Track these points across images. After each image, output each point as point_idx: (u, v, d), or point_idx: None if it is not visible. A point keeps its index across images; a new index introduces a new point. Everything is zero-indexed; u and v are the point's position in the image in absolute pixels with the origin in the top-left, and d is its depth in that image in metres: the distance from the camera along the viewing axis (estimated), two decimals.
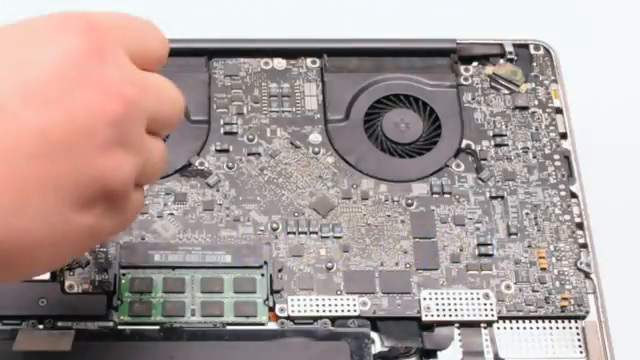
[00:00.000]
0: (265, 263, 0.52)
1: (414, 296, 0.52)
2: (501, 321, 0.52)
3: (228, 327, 0.50)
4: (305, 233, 0.54)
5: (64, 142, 0.31)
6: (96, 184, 0.33)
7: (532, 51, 0.61)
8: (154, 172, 0.38)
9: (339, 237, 0.54)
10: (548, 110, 0.58)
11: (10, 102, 0.30)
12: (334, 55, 0.59)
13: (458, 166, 0.56)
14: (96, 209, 0.34)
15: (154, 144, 0.37)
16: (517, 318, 0.52)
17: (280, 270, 0.52)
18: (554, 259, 0.53)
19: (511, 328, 0.52)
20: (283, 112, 0.58)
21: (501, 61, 0.60)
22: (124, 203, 0.36)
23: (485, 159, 0.57)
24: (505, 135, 0.57)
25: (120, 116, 0.33)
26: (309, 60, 0.60)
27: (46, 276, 0.50)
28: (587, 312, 0.52)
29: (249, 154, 0.56)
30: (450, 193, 0.55)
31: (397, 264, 0.53)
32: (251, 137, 0.57)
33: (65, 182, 0.32)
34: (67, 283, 0.51)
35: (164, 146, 0.38)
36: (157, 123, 0.36)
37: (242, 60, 0.59)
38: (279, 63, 0.59)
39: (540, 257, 0.53)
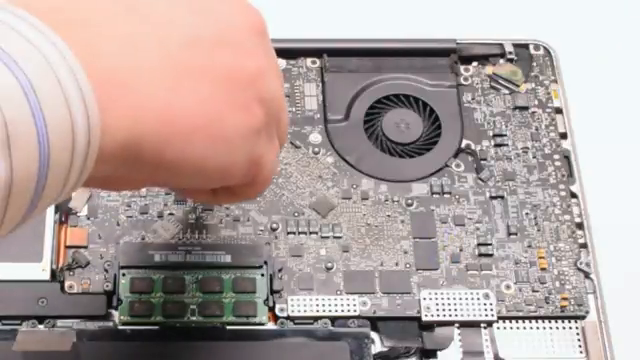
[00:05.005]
0: (265, 263, 0.52)
1: (414, 296, 0.52)
2: (501, 321, 0.52)
3: (228, 327, 0.50)
4: (305, 233, 0.54)
5: (212, 38, 0.35)
6: (247, 84, 0.36)
7: (532, 51, 0.61)
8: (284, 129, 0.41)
9: (339, 237, 0.54)
10: (548, 110, 0.58)
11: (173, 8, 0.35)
12: (334, 55, 0.59)
13: (458, 166, 0.56)
14: (250, 113, 0.36)
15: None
16: (517, 318, 0.52)
17: (280, 270, 0.52)
18: (554, 259, 0.53)
19: (511, 328, 0.52)
20: None
21: (501, 61, 0.60)
22: (275, 119, 0.38)
23: (485, 159, 0.57)
24: (505, 135, 0.57)
25: (262, 29, 0.37)
26: (309, 60, 0.60)
27: (46, 276, 0.50)
28: (587, 312, 0.52)
29: None
30: (450, 193, 0.55)
31: (397, 264, 0.53)
32: None
33: (217, 76, 0.34)
34: (67, 283, 0.51)
35: None
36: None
37: None
38: (279, 63, 0.59)
39: (540, 257, 0.53)
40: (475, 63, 0.60)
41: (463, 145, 0.57)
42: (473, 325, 0.51)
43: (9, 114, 0.27)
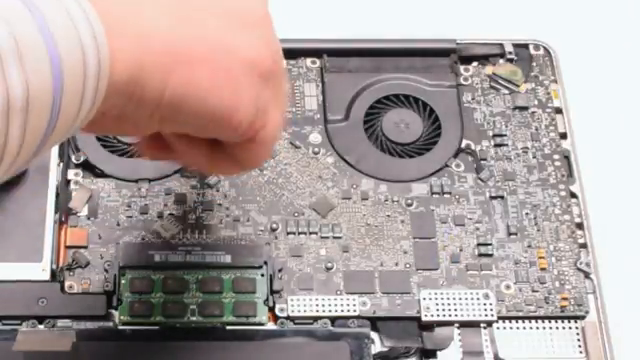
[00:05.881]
0: (265, 263, 0.52)
1: (414, 296, 0.52)
2: (501, 321, 0.52)
3: (228, 327, 0.50)
4: (305, 233, 0.54)
5: None
6: (255, 24, 0.37)
7: (532, 51, 0.61)
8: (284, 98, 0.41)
9: (339, 237, 0.54)
10: (548, 110, 0.58)
11: None
12: (334, 55, 0.59)
13: (458, 166, 0.56)
14: (257, 52, 0.36)
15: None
16: (517, 318, 0.52)
17: (280, 270, 0.52)
18: (554, 259, 0.53)
19: (511, 328, 0.52)
20: None
21: (501, 61, 0.60)
22: (280, 74, 0.39)
23: (485, 159, 0.57)
24: (505, 135, 0.57)
25: (267, 15, 0.38)
26: (309, 60, 0.60)
27: (46, 276, 0.50)
28: (587, 312, 0.52)
29: None
30: (450, 193, 0.55)
31: (397, 264, 0.53)
32: None
33: (224, 11, 0.35)
34: (67, 283, 0.51)
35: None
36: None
37: None
38: None
39: (540, 257, 0.53)
40: (475, 63, 0.60)
41: (463, 145, 0.57)
42: (473, 325, 0.51)
43: (18, 29, 0.28)
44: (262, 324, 0.51)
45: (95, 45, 0.30)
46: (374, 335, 0.51)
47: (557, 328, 0.52)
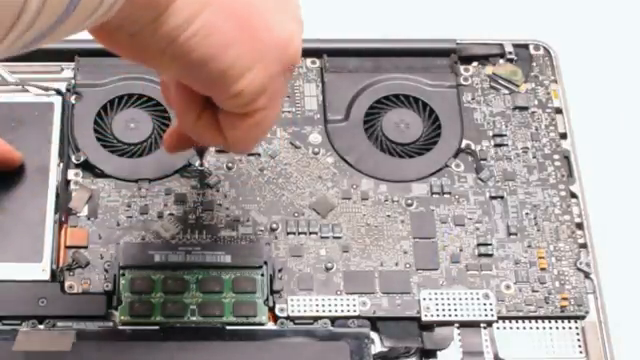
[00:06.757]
0: (265, 263, 0.52)
1: (414, 296, 0.52)
2: (501, 321, 0.52)
3: (228, 327, 0.50)
4: (305, 233, 0.54)
5: None
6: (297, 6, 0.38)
7: (532, 51, 0.61)
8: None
9: (339, 237, 0.54)
10: (548, 110, 0.58)
11: None
12: (334, 55, 0.59)
13: (458, 166, 0.56)
14: (293, 34, 0.38)
15: None
16: (517, 318, 0.52)
17: (280, 270, 0.52)
18: (554, 259, 0.53)
19: (511, 328, 0.52)
20: (283, 112, 0.58)
21: (501, 61, 0.60)
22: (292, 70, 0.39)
23: (485, 159, 0.57)
24: (505, 135, 0.57)
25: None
26: (309, 60, 0.60)
27: (46, 276, 0.50)
28: (587, 312, 0.52)
29: (249, 154, 0.56)
30: (450, 193, 0.55)
31: (397, 264, 0.53)
32: None
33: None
34: (67, 283, 0.51)
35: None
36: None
37: None
38: None
39: (540, 257, 0.53)
40: (475, 63, 0.60)
41: (463, 145, 0.57)
42: (473, 325, 0.51)
43: None
44: (262, 324, 0.51)
45: None
46: (374, 335, 0.51)
47: (557, 328, 0.52)
